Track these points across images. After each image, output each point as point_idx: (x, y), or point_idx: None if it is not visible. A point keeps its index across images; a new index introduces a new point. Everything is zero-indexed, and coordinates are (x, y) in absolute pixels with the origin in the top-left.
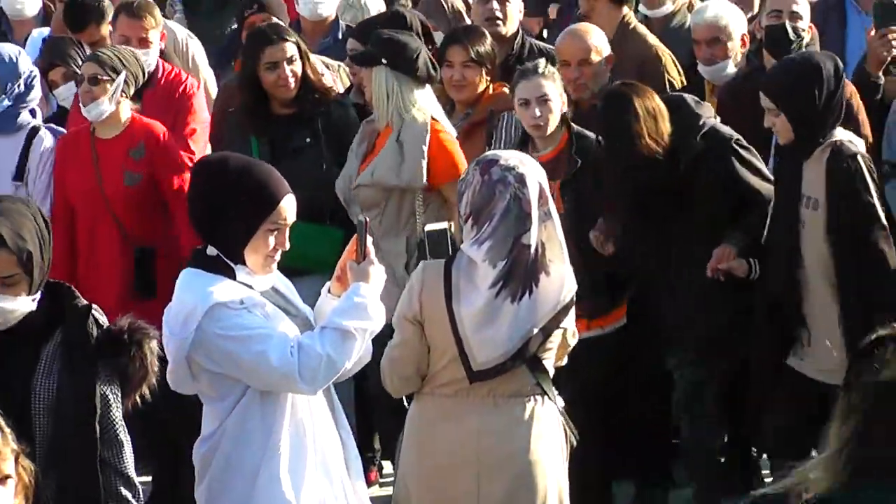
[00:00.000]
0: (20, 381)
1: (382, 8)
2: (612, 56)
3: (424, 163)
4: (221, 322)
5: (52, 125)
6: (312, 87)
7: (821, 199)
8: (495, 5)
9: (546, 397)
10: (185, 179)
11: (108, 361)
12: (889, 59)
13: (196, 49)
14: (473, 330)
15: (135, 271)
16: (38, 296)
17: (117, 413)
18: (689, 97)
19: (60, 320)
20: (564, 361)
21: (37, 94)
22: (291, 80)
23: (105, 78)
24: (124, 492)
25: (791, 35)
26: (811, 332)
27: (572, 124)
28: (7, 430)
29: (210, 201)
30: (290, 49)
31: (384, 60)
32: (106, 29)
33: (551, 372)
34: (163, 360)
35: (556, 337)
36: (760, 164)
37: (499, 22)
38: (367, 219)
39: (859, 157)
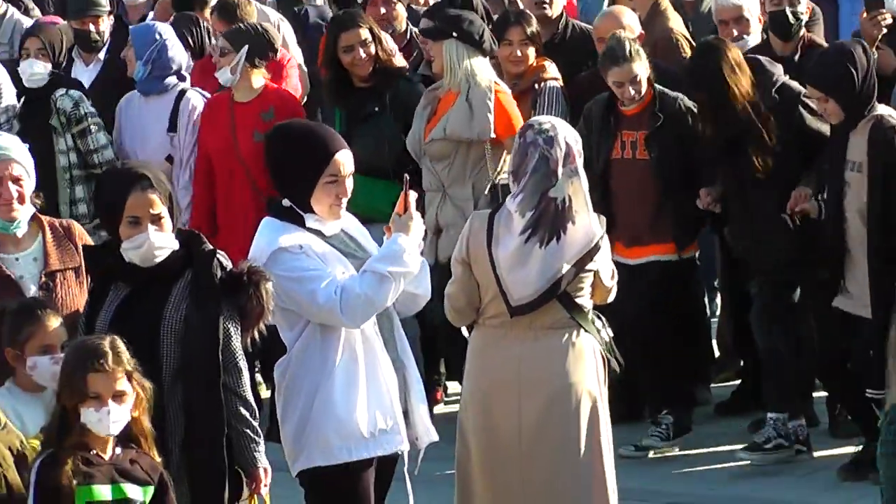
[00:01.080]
0: (152, 313)
1: None
2: (642, 34)
3: (492, 117)
4: (283, 264)
5: (199, 89)
6: (384, 65)
7: (864, 164)
8: None
9: (582, 329)
10: None
11: (230, 299)
12: (879, 36)
13: (287, 30)
14: (507, 271)
15: None
16: None
17: (237, 344)
18: (762, 58)
19: (190, 263)
20: (610, 300)
21: (179, 58)
22: (365, 60)
23: (229, 50)
24: (243, 411)
25: (791, 19)
26: (852, 277)
27: (656, 85)
28: (122, 349)
29: (279, 161)
30: (364, 34)
31: (454, 34)
32: (208, 12)
33: (588, 307)
34: None
35: (586, 277)
36: None
37: (546, 6)
38: (409, 177)
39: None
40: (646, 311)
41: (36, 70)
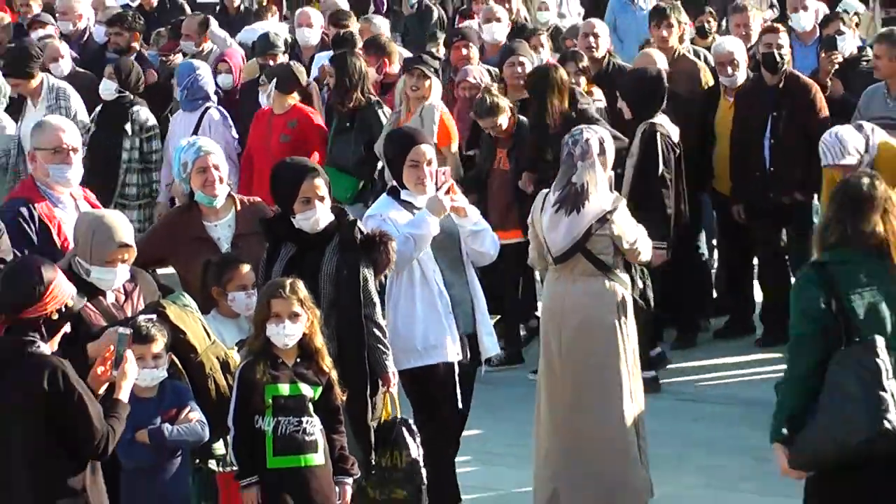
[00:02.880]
0: (313, 265)
1: None
2: (669, 71)
3: (436, 128)
4: (368, 226)
5: (220, 107)
6: (361, 95)
7: (635, 155)
8: (591, 39)
9: (608, 278)
10: (322, 138)
11: (367, 254)
12: (832, 70)
13: None
14: (546, 233)
15: None
16: None
17: (373, 286)
18: (576, 88)
19: (338, 229)
20: (643, 258)
21: (207, 87)
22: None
23: (265, 82)
24: (377, 332)
25: (778, 59)
26: None
27: (518, 116)
28: (299, 286)
29: (384, 151)
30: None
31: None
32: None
33: (611, 262)
34: None
35: (602, 240)
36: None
37: (593, 49)
38: (440, 170)
39: (658, 135)
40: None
41: (108, 87)
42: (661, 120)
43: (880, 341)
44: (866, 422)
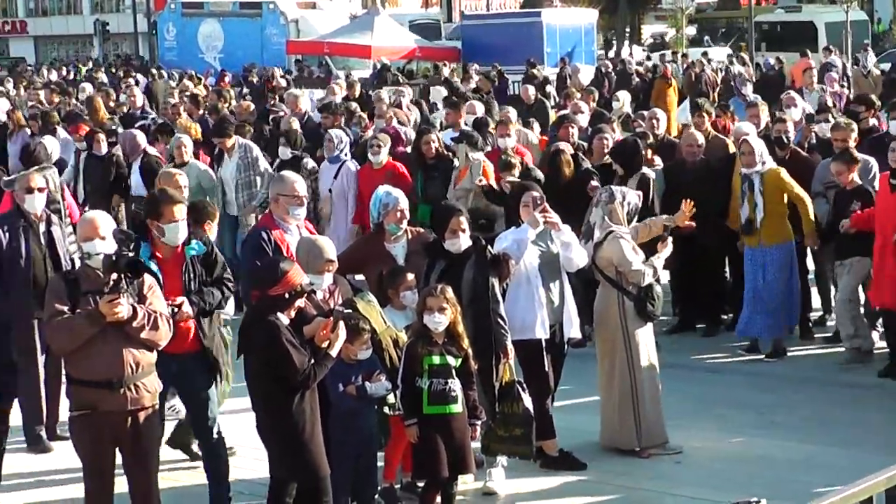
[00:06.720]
0: (457, 275)
1: None
2: (702, 144)
3: (481, 173)
4: (499, 244)
5: (354, 160)
6: (441, 153)
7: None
8: (654, 122)
9: (616, 288)
10: (407, 178)
11: (494, 268)
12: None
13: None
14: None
15: None
16: None
17: (498, 290)
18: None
19: (474, 250)
20: (636, 280)
21: (343, 146)
22: (430, 149)
23: (379, 146)
24: (500, 322)
25: (785, 140)
26: None
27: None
28: (446, 289)
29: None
30: (433, 137)
31: (464, 141)
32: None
33: (617, 278)
34: None
35: (601, 261)
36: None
37: (655, 129)
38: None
39: (649, 181)
40: None
41: (284, 151)
42: (646, 170)
43: None
44: None
